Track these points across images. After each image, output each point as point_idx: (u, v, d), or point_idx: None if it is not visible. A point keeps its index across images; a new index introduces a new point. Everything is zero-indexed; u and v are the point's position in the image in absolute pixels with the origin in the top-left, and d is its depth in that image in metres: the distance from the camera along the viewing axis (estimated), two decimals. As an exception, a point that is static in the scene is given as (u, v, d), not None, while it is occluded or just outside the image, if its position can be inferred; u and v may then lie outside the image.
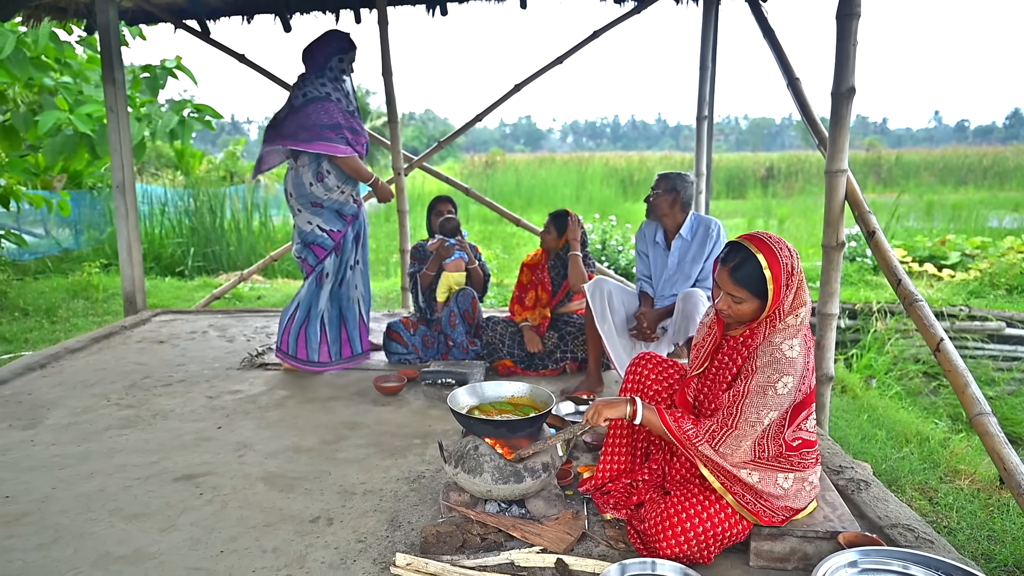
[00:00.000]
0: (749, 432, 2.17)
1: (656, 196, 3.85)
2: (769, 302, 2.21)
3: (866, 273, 8.52)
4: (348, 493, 2.82)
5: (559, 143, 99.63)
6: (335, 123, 4.09)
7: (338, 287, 4.41)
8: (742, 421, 2.16)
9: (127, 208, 5.87)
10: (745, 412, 2.16)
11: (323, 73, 4.18)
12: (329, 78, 4.19)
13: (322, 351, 4.42)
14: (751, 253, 2.21)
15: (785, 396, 2.16)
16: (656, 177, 3.92)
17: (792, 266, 2.21)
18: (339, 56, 4.21)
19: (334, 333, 4.45)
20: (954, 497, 3.76)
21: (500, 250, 11.22)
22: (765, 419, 2.16)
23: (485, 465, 2.49)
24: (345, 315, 4.48)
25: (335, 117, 4.10)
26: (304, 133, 4.06)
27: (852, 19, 3.41)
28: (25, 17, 5.87)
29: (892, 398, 5.44)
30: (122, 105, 5.77)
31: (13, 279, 8.93)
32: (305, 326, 4.37)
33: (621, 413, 2.32)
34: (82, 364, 4.63)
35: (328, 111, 4.09)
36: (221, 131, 57.87)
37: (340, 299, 4.44)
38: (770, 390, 2.15)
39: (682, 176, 3.85)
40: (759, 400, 2.15)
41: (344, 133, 4.11)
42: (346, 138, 4.11)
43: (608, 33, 6.00)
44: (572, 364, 4.31)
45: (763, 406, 2.15)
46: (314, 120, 4.06)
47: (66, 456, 3.17)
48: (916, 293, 3.22)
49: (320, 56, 4.20)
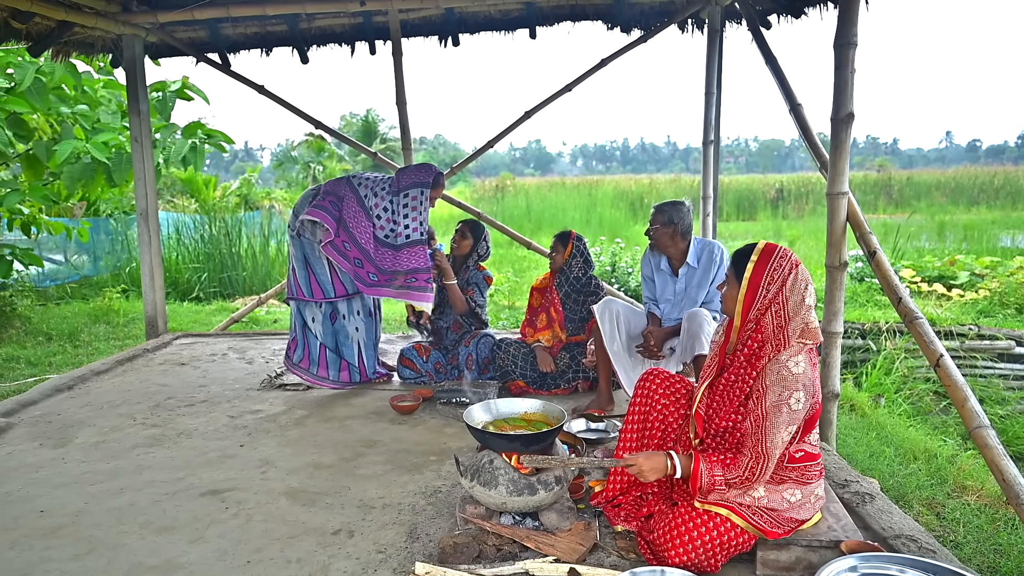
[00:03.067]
0: (777, 453, 2.27)
1: (656, 231, 3.95)
2: (742, 290, 2.36)
3: (875, 293, 8.57)
4: (367, 507, 2.93)
5: (569, 166, 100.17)
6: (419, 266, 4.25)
7: (330, 323, 4.51)
8: (770, 445, 2.25)
9: (150, 235, 6.05)
10: (770, 434, 2.25)
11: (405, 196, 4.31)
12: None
13: (320, 367, 4.54)
14: (754, 246, 2.42)
15: (800, 411, 2.26)
16: (652, 211, 4.01)
17: (784, 279, 2.32)
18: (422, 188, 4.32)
19: (332, 357, 4.55)
20: (961, 512, 3.82)
21: (511, 273, 11.36)
22: (786, 436, 2.27)
23: (500, 478, 2.59)
24: (341, 350, 4.57)
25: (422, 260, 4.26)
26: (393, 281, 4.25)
27: (849, 48, 3.54)
28: (54, 52, 6.11)
29: (900, 416, 5.49)
30: (146, 135, 5.98)
31: (36, 304, 9.13)
32: (307, 337, 4.51)
33: (663, 471, 2.38)
34: (108, 385, 4.77)
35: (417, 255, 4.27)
36: (235, 158, 58.54)
37: (337, 334, 4.54)
38: (784, 407, 2.25)
39: (676, 206, 3.94)
40: (777, 419, 2.25)
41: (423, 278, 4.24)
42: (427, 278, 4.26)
43: (616, 59, 6.18)
44: (584, 383, 4.41)
45: (782, 424, 2.25)
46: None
47: (96, 473, 3.29)
48: (916, 311, 3.31)
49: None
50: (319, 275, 4.38)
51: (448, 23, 6.18)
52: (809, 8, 5.01)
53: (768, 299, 2.33)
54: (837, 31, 3.58)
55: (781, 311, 2.32)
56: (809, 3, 4.97)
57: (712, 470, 2.31)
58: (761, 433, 2.27)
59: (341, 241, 4.23)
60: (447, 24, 6.19)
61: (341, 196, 4.32)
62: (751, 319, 2.38)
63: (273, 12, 5.61)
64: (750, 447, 2.29)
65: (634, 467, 2.39)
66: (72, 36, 5.78)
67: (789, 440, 2.30)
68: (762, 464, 2.27)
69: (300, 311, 4.49)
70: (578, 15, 6.06)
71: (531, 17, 6.05)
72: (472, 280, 4.67)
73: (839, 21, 3.57)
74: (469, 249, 4.65)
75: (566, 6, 5.95)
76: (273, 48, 6.47)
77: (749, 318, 2.38)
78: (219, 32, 6.19)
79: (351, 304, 4.50)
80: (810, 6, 4.98)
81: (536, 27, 6.12)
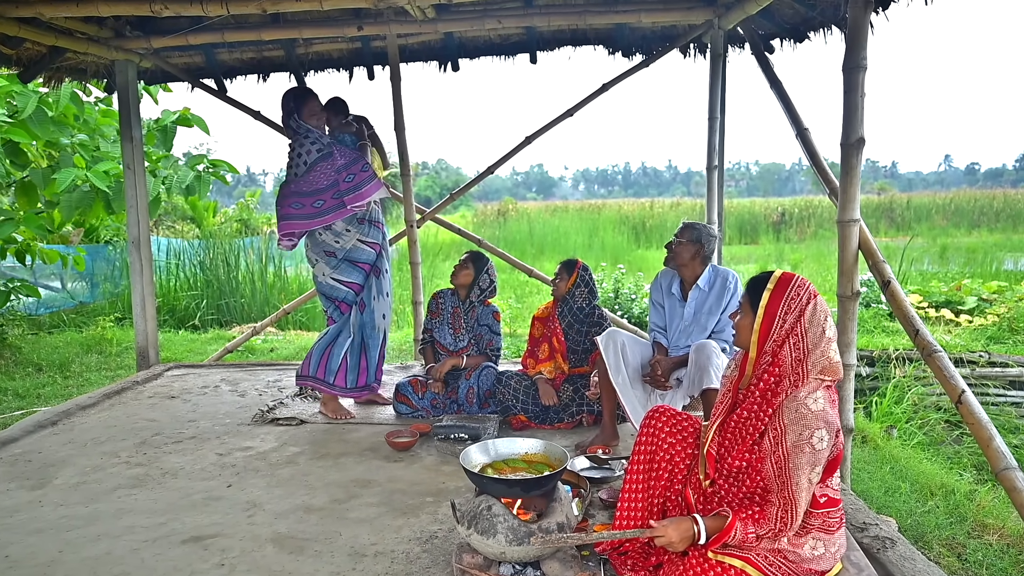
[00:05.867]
0: (804, 497, 2.12)
1: (679, 244, 3.84)
2: (757, 319, 2.25)
3: (882, 319, 8.41)
4: (359, 555, 2.76)
5: (571, 191, 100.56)
6: (332, 182, 4.33)
7: (360, 314, 4.51)
8: (796, 488, 2.11)
9: (142, 264, 5.93)
10: (794, 477, 2.11)
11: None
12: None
13: (339, 376, 4.49)
14: (771, 274, 2.31)
15: (824, 451, 2.12)
16: (681, 224, 3.92)
17: (802, 309, 2.22)
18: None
19: (354, 360, 4.53)
20: (983, 553, 3.64)
21: (512, 299, 11.22)
22: (814, 477, 2.13)
23: (499, 526, 2.44)
24: (367, 343, 4.56)
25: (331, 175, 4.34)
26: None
27: (859, 71, 3.44)
28: (46, 78, 6.02)
29: (914, 448, 5.31)
30: (139, 162, 5.87)
31: (27, 334, 8.99)
32: (331, 348, 4.48)
33: (691, 539, 2.22)
34: (93, 421, 4.61)
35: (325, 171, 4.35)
36: (237, 183, 58.80)
37: (364, 327, 4.53)
38: (806, 447, 2.11)
39: (709, 229, 3.85)
40: (800, 460, 2.11)
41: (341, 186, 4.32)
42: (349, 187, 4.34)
43: (618, 84, 6.09)
44: (589, 417, 4.24)
45: (806, 465, 2.11)
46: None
47: (74, 518, 3.13)
48: (935, 344, 3.16)
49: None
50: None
51: (447, 48, 6.10)
52: (812, 33, 4.93)
53: (785, 330, 2.22)
54: (846, 55, 3.47)
55: (800, 343, 2.20)
56: (812, 28, 4.89)
57: (746, 527, 2.16)
58: (785, 476, 2.13)
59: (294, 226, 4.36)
60: (446, 49, 6.12)
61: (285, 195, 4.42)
62: (767, 351, 2.26)
63: (269, 37, 5.54)
64: (776, 493, 2.15)
65: (663, 538, 2.22)
66: (64, 62, 5.69)
67: (816, 482, 2.15)
68: (791, 511, 2.12)
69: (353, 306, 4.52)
70: (579, 40, 5.99)
71: (531, 42, 5.98)
72: (482, 321, 4.57)
73: (848, 44, 3.47)
74: (470, 281, 4.53)
75: (567, 30, 5.87)
76: (270, 73, 6.39)
77: (765, 350, 2.27)
78: (215, 58, 6.12)
79: (372, 288, 4.53)
80: (813, 31, 4.90)
81: (536, 52, 6.05)
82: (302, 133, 4.38)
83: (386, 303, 4.63)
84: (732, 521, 2.16)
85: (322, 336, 4.54)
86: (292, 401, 4.95)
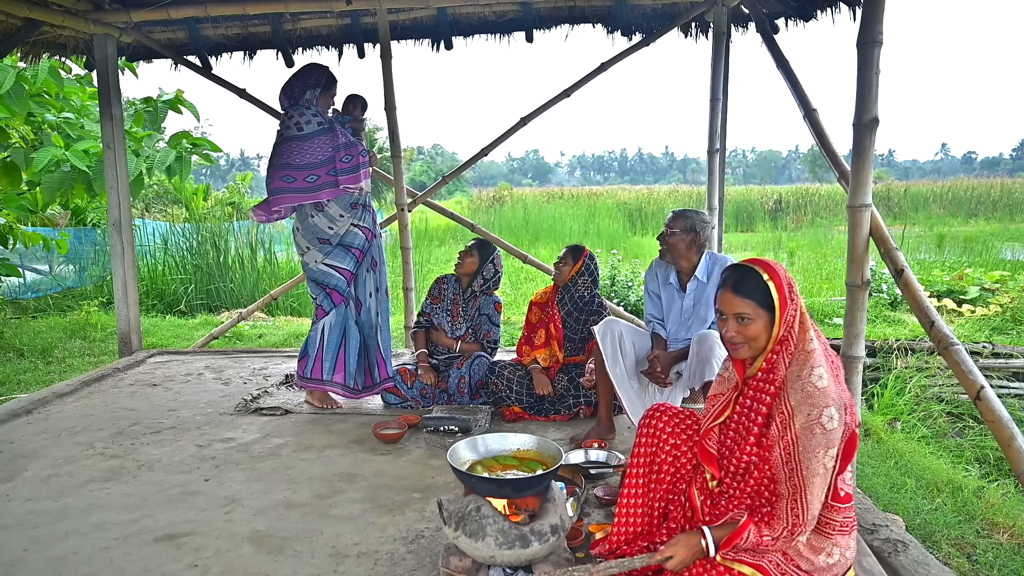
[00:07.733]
0: (819, 483, 1.95)
1: (672, 235, 3.65)
2: (777, 311, 2.08)
3: (883, 309, 8.27)
4: (341, 556, 2.61)
5: (567, 177, 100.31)
6: (329, 157, 4.13)
7: (357, 314, 4.32)
8: (807, 473, 1.94)
9: (123, 246, 5.73)
10: (804, 461, 1.95)
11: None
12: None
13: (337, 372, 4.30)
14: (749, 268, 2.14)
15: (836, 431, 1.94)
16: (671, 215, 3.71)
17: (790, 280, 2.12)
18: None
19: (360, 362, 4.33)
20: (994, 553, 3.51)
21: (507, 286, 11.04)
22: (828, 461, 1.95)
23: (488, 528, 2.27)
24: (367, 343, 4.36)
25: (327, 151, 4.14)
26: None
27: (874, 47, 3.25)
28: (23, 53, 5.80)
29: (918, 442, 5.17)
30: (119, 141, 5.66)
31: (11, 318, 8.78)
32: (343, 350, 4.27)
33: (701, 553, 2.06)
34: (70, 410, 4.44)
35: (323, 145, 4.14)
36: (231, 166, 58.36)
37: (363, 327, 4.34)
38: (816, 427, 1.94)
39: (701, 215, 3.66)
40: (811, 442, 1.94)
41: (337, 164, 4.14)
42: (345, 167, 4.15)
43: (615, 66, 5.90)
44: (587, 409, 4.07)
45: (817, 447, 1.94)
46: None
47: (42, 513, 2.96)
48: (951, 336, 3.00)
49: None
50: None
51: (440, 25, 5.88)
52: (819, 11, 4.74)
53: (793, 310, 2.09)
54: (861, 28, 3.29)
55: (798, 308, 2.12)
56: (820, 6, 4.70)
57: (760, 530, 2.00)
58: (795, 463, 1.96)
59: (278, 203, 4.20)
60: (439, 27, 5.90)
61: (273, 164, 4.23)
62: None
63: (254, 11, 5.33)
64: (783, 482, 1.99)
65: (673, 561, 2.06)
66: (41, 36, 5.47)
67: (832, 470, 1.97)
68: (800, 501, 1.95)
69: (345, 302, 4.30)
70: (577, 18, 5.77)
71: (528, 20, 5.77)
72: (483, 311, 4.40)
73: (863, 17, 3.28)
74: (474, 269, 4.36)
75: (564, 8, 5.66)
76: (257, 51, 6.17)
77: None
78: (199, 33, 5.90)
79: (367, 283, 4.35)
80: (820, 9, 4.71)
81: (533, 30, 5.83)
82: (303, 104, 4.18)
83: (381, 301, 4.42)
84: (746, 522, 2.00)
85: (320, 336, 4.25)
86: (277, 390, 4.79)
